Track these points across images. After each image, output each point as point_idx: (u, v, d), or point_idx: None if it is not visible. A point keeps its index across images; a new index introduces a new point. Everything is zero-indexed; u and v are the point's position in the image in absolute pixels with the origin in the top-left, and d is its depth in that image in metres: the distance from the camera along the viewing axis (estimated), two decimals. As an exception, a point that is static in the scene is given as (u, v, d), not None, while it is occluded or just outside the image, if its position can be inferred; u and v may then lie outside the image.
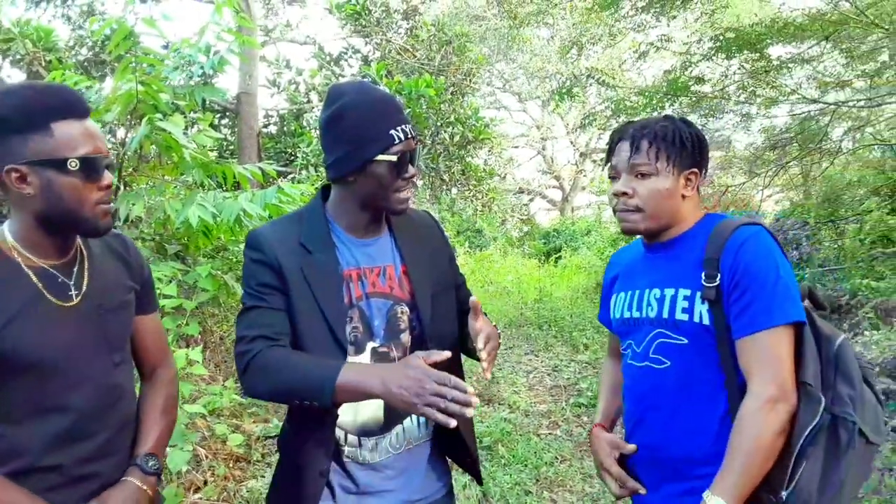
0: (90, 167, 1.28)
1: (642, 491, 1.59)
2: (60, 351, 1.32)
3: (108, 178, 1.33)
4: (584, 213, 22.13)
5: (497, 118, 12.11)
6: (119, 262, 1.51)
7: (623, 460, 1.63)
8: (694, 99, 7.72)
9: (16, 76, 7.00)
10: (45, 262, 1.35)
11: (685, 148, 1.53)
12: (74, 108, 1.29)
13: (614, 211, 1.62)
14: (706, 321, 1.45)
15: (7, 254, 1.31)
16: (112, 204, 1.36)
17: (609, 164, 1.63)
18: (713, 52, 7.43)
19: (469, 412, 1.23)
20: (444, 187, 10.84)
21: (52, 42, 6.74)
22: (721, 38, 7.23)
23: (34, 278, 1.32)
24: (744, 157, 10.40)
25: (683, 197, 1.56)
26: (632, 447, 1.60)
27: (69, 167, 1.26)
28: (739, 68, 7.80)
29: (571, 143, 22.49)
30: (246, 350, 1.42)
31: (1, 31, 6.73)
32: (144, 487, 1.43)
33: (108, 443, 1.40)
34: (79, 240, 1.43)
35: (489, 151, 11.73)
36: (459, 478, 3.47)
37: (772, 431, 1.33)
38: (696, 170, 1.56)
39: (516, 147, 22.70)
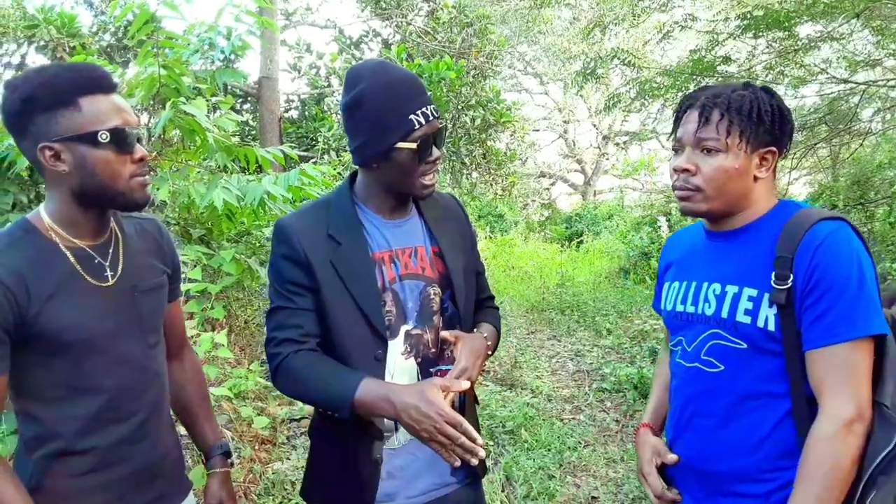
0: (121, 139, 1.28)
1: (679, 500, 1.50)
2: (96, 331, 1.33)
3: (141, 150, 1.33)
4: (607, 198, 21.93)
5: (518, 101, 12.01)
6: (152, 245, 1.53)
7: (664, 465, 1.53)
8: (720, 79, 7.54)
9: (40, 62, 7.05)
10: (81, 242, 1.36)
11: (763, 123, 1.33)
12: (100, 83, 1.29)
13: (674, 188, 1.43)
14: (772, 327, 1.30)
15: (44, 234, 1.33)
16: (147, 177, 1.36)
17: (674, 135, 1.45)
18: (740, 30, 7.25)
19: (474, 461, 1.26)
20: (465, 171, 10.78)
21: (76, 28, 6.78)
22: (748, 16, 7.05)
23: (71, 258, 1.33)
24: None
25: (756, 179, 1.37)
26: (673, 458, 1.48)
27: (100, 140, 1.26)
28: (767, 47, 7.62)
29: (594, 125, 22.24)
30: (275, 353, 1.45)
31: (26, 17, 6.78)
32: (227, 470, 1.65)
33: (141, 425, 1.42)
34: (113, 222, 1.44)
35: (510, 135, 11.63)
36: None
37: (850, 458, 1.20)
38: (773, 148, 1.36)
39: (537, 130, 22.51)
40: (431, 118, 1.43)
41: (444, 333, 1.48)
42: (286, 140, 9.02)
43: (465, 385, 1.35)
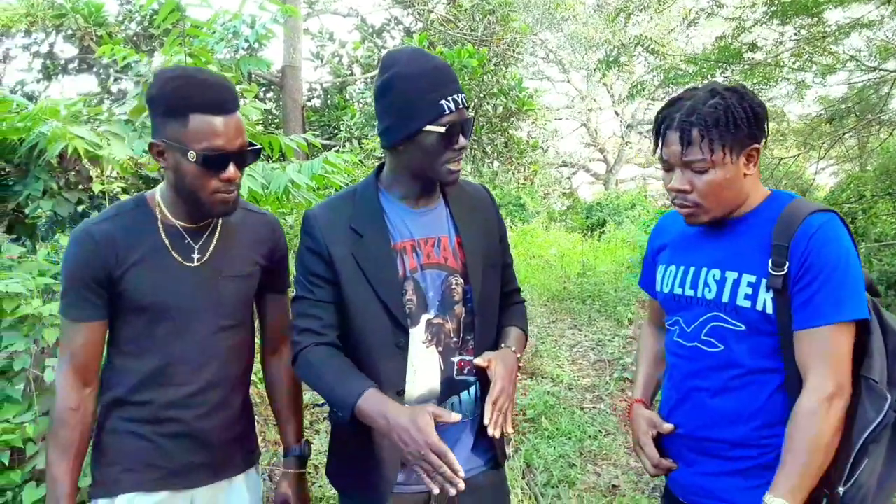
0: (208, 162, 1.42)
1: (675, 468, 1.58)
2: (171, 302, 1.50)
3: (231, 172, 1.46)
4: (629, 187, 21.76)
5: (540, 89, 11.94)
6: (254, 238, 1.65)
7: (659, 436, 1.61)
8: (746, 67, 7.44)
9: (68, 50, 7.16)
10: (179, 223, 1.54)
11: (740, 128, 1.39)
12: (216, 104, 1.41)
13: (674, 204, 1.52)
14: (769, 310, 1.39)
15: (151, 207, 1.54)
16: (232, 194, 1.49)
17: (659, 153, 1.51)
18: (767, 17, 7.14)
19: (451, 491, 1.31)
20: (487, 160, 10.76)
21: (103, 17, 6.87)
22: (776, 2, 6.93)
23: (163, 235, 1.51)
24: (798, 128, 10.03)
25: (745, 175, 1.45)
26: (669, 427, 1.58)
27: (189, 158, 1.41)
28: (795, 34, 7.49)
29: (617, 114, 22.05)
30: (296, 342, 1.53)
31: (54, 7, 6.88)
32: (300, 472, 1.73)
33: (194, 395, 1.55)
34: None
35: (532, 123, 11.59)
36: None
37: (831, 429, 1.30)
38: (756, 145, 1.44)
39: (559, 119, 22.38)
40: (461, 106, 1.45)
41: (477, 361, 1.50)
42: (309, 128, 9.07)
43: (457, 417, 1.40)
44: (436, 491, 1.32)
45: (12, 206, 3.89)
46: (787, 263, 1.36)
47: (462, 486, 1.31)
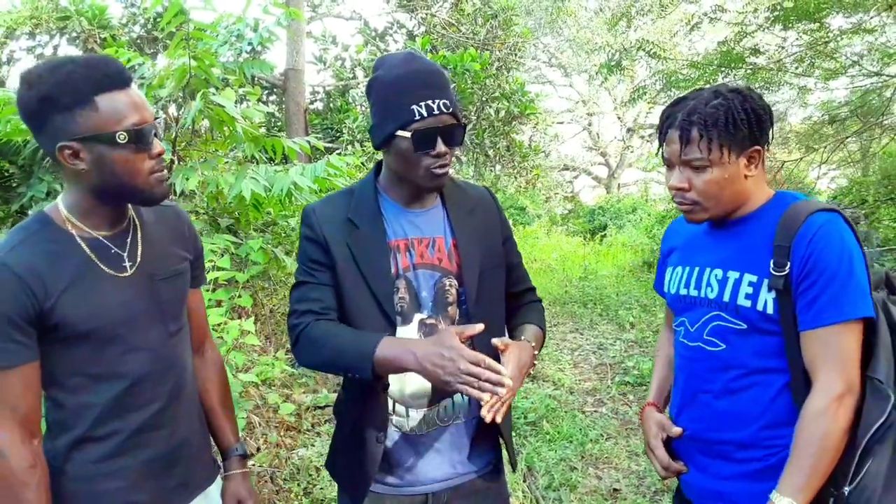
0: (139, 138, 1.28)
1: (685, 471, 1.59)
2: (114, 320, 1.34)
3: (159, 146, 1.33)
4: (631, 191, 21.76)
5: (542, 93, 11.94)
6: (172, 232, 1.53)
7: (670, 440, 1.62)
8: (749, 71, 7.44)
9: (72, 53, 7.17)
10: (98, 233, 1.36)
11: (740, 129, 1.39)
12: (116, 78, 1.27)
13: (674, 201, 1.53)
14: (770, 310, 1.39)
15: (61, 225, 1.34)
16: (165, 171, 1.37)
17: (661, 152, 1.53)
18: (770, 22, 7.14)
19: (501, 391, 1.25)
20: (488, 163, 10.77)
21: (106, 20, 6.88)
22: (778, 7, 6.94)
23: (87, 249, 1.34)
24: (800, 131, 10.04)
25: (746, 177, 1.45)
26: (678, 430, 1.58)
27: (118, 140, 1.25)
28: (797, 39, 7.49)
29: (619, 118, 22.06)
30: (296, 323, 1.49)
31: (58, 9, 6.90)
32: (246, 470, 1.66)
33: (160, 412, 1.43)
34: (131, 210, 1.45)
35: (534, 127, 11.59)
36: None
37: (840, 429, 1.30)
38: (757, 147, 1.43)
39: (561, 123, 22.38)
40: (438, 112, 1.42)
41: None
42: (311, 131, 9.08)
43: (480, 328, 1.35)
44: (487, 398, 1.27)
45: (16, 207, 3.91)
46: (789, 264, 1.36)
47: (510, 382, 1.26)
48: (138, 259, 1.40)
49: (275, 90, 10.04)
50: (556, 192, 20.30)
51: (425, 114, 1.41)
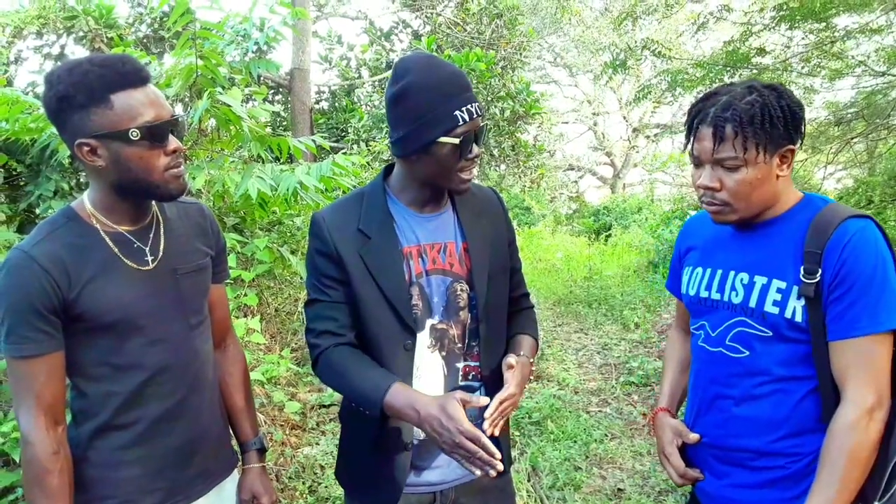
0: (153, 135, 1.31)
1: (701, 478, 1.54)
2: (138, 311, 1.39)
3: (174, 142, 1.36)
4: (636, 191, 21.71)
5: (547, 93, 11.94)
6: (195, 228, 1.57)
7: (684, 444, 1.58)
8: (755, 71, 7.42)
9: (79, 53, 7.20)
10: (122, 228, 1.41)
11: (776, 127, 1.32)
12: (131, 77, 1.30)
13: (701, 202, 1.45)
14: (798, 318, 1.34)
15: (86, 220, 1.39)
16: (182, 168, 1.39)
17: (689, 147, 1.44)
18: (776, 21, 7.12)
19: (492, 473, 1.31)
20: (493, 163, 10.77)
21: (113, 19, 6.90)
22: (784, 7, 6.92)
23: (110, 243, 1.38)
24: (806, 132, 9.99)
25: (778, 177, 1.38)
26: (695, 437, 1.54)
27: (131, 137, 1.29)
28: (803, 39, 7.47)
29: (624, 117, 22.03)
30: (315, 343, 1.52)
31: (65, 8, 6.93)
32: (263, 465, 1.70)
33: (180, 403, 1.47)
34: (155, 205, 1.49)
35: (539, 127, 11.59)
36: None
37: (871, 443, 1.27)
38: (791, 146, 1.37)
39: (566, 122, 22.38)
40: (475, 115, 1.43)
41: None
42: (317, 130, 9.10)
43: (485, 401, 1.39)
44: (478, 474, 1.32)
45: (24, 206, 3.93)
46: (820, 271, 1.31)
47: (501, 467, 1.31)
48: (160, 253, 1.45)
49: (280, 89, 10.06)
50: (561, 191, 20.30)
51: (467, 118, 1.41)
